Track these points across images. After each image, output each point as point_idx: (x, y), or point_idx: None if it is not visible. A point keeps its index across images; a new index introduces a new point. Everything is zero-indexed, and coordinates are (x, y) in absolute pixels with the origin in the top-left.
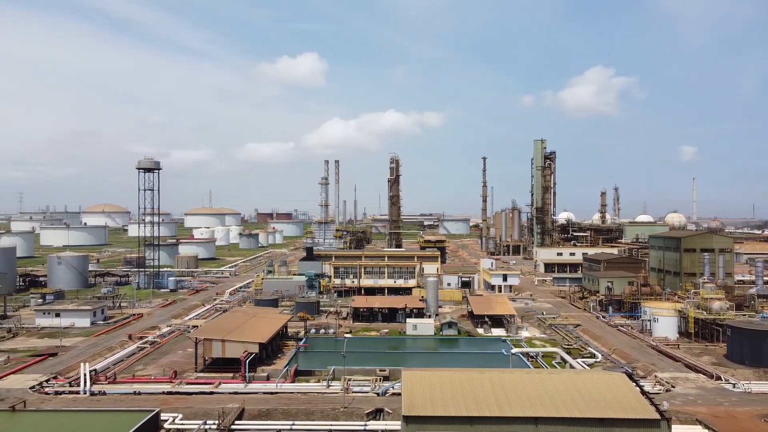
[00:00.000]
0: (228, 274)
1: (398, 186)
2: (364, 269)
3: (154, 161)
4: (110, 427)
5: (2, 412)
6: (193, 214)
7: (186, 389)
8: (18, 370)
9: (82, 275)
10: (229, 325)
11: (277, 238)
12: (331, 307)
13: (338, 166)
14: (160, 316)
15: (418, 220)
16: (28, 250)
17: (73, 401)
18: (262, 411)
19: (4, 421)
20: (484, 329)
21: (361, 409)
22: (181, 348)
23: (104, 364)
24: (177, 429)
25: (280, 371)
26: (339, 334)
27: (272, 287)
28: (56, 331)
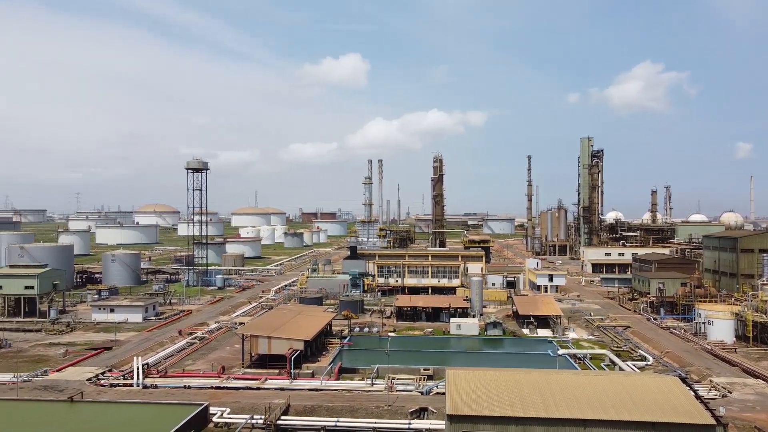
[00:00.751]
0: (273, 272)
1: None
2: (408, 268)
3: (202, 162)
4: (162, 418)
5: (62, 402)
6: (239, 214)
7: (233, 384)
8: (76, 363)
9: (135, 272)
10: (274, 323)
11: (321, 237)
12: (375, 306)
13: (381, 166)
14: (209, 312)
15: (461, 220)
16: (85, 248)
17: (127, 393)
18: (307, 407)
19: (63, 411)
20: (530, 330)
21: (405, 407)
22: (229, 344)
23: (156, 358)
24: (225, 422)
25: (325, 368)
26: (383, 332)
27: (317, 286)
28: (111, 325)
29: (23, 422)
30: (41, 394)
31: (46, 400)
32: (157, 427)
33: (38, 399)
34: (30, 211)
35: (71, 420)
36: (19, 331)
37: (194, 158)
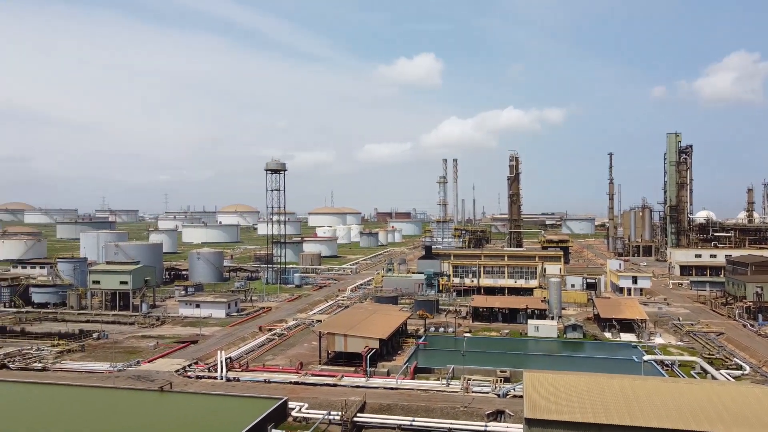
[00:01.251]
0: (349, 271)
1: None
2: (484, 268)
3: (280, 163)
4: (244, 411)
5: (153, 391)
6: (316, 214)
7: (311, 380)
8: (165, 355)
9: (218, 270)
10: (350, 321)
11: (396, 236)
12: (450, 306)
13: (456, 165)
14: (287, 310)
15: (539, 220)
16: (173, 247)
17: (212, 385)
18: (383, 405)
19: (154, 400)
20: (612, 334)
21: (481, 409)
22: (306, 341)
23: (238, 353)
24: (303, 417)
25: (400, 367)
26: (458, 333)
27: (392, 285)
28: (196, 320)
29: (118, 409)
30: (134, 383)
31: (139, 389)
32: (239, 419)
33: (132, 388)
34: (124, 212)
35: (161, 409)
36: (115, 324)
37: (273, 160)
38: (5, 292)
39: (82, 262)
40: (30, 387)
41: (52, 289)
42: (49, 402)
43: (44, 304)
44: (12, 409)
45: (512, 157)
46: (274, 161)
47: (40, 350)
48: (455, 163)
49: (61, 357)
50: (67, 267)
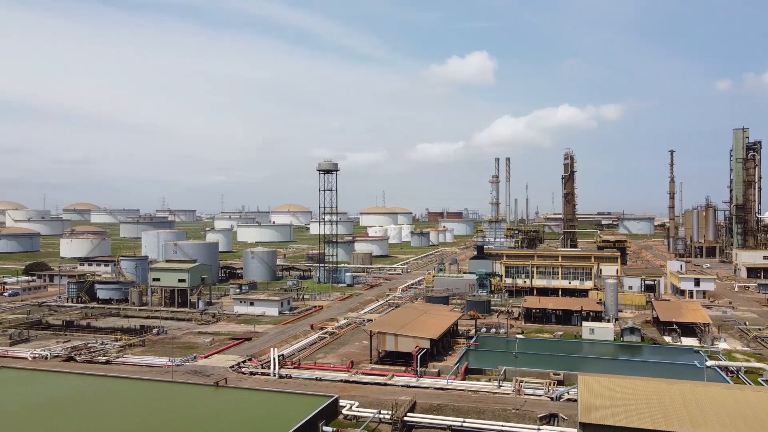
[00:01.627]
0: (400, 271)
1: (573, 183)
2: (537, 269)
3: (333, 163)
4: (296, 407)
5: (208, 386)
6: (367, 213)
7: (362, 379)
8: (220, 351)
9: (271, 269)
10: (401, 320)
11: (447, 236)
12: (502, 307)
13: (509, 164)
14: (338, 308)
15: (594, 219)
16: (228, 246)
17: (265, 382)
18: (433, 405)
19: (209, 395)
20: (673, 338)
21: (534, 412)
22: (357, 340)
23: (290, 350)
24: (354, 415)
25: (451, 368)
26: (510, 334)
27: (443, 285)
28: (250, 318)
29: (176, 403)
30: (191, 377)
31: (196, 383)
32: (291, 415)
33: (189, 382)
34: (182, 211)
35: (216, 403)
36: (173, 320)
37: (325, 160)
38: (73, 288)
39: (143, 260)
40: (95, 379)
41: (116, 286)
42: (112, 393)
43: (108, 300)
44: (78, 400)
45: (567, 155)
46: (327, 162)
47: (104, 344)
48: (508, 162)
49: (123, 351)
50: (130, 265)
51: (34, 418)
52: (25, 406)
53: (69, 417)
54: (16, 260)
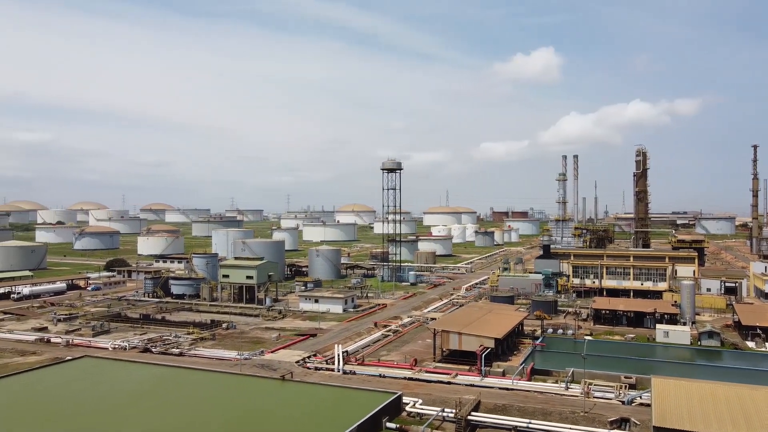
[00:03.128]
0: (464, 270)
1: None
2: (606, 269)
3: (396, 162)
4: (360, 403)
5: (275, 380)
6: (431, 213)
7: (425, 377)
8: (286, 346)
9: (336, 267)
10: (465, 319)
11: (512, 236)
12: (570, 308)
13: (577, 162)
14: (402, 307)
15: (669, 219)
16: (294, 244)
17: (329, 377)
18: (497, 405)
19: (276, 388)
20: (756, 343)
21: (604, 416)
22: (420, 338)
23: (354, 347)
24: (417, 413)
25: (516, 368)
26: (578, 335)
27: (508, 284)
28: (315, 314)
29: (244, 394)
30: (259, 371)
31: (263, 376)
32: (355, 410)
33: (256, 375)
34: (250, 211)
35: (282, 396)
36: (242, 316)
37: (389, 159)
38: (149, 283)
39: (214, 257)
40: (169, 370)
41: (188, 282)
42: (185, 384)
43: (181, 295)
44: (154, 388)
45: (639, 152)
46: (391, 161)
47: (177, 337)
48: (575, 159)
49: (195, 344)
50: (201, 262)
51: (114, 403)
52: (106, 392)
53: (145, 403)
54: (98, 257)
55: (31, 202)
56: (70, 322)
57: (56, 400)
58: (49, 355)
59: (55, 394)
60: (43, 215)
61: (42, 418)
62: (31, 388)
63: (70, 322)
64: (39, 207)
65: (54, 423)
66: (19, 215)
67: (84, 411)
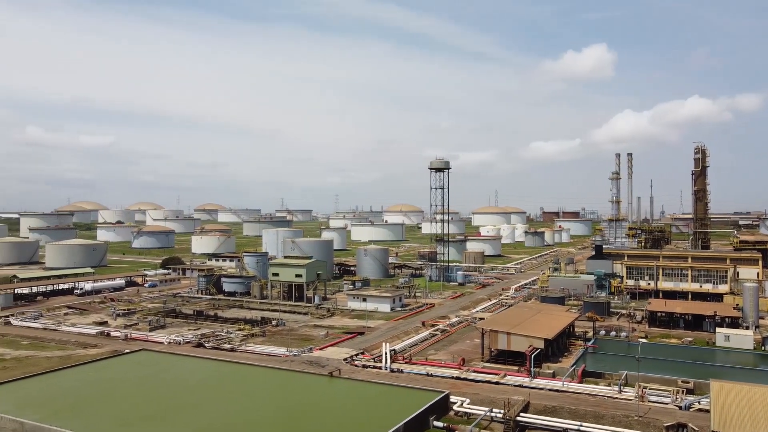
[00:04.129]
0: (513, 270)
1: (704, 179)
2: (663, 270)
3: (444, 161)
4: (407, 401)
5: (323, 376)
6: (479, 213)
7: (473, 377)
8: (335, 344)
9: (384, 266)
10: (514, 319)
11: (563, 236)
12: (623, 309)
13: (631, 160)
14: (450, 306)
15: (730, 220)
16: (342, 244)
17: (377, 375)
18: (547, 407)
19: (324, 384)
20: None
21: (659, 420)
22: (468, 338)
23: (402, 345)
24: (464, 412)
25: (567, 370)
26: (632, 338)
27: (558, 285)
28: (363, 313)
29: (293, 390)
30: (307, 367)
31: (311, 373)
32: (402, 408)
33: (305, 371)
34: (299, 211)
35: (330, 392)
36: (291, 313)
37: (437, 158)
38: (202, 281)
39: (264, 256)
40: (221, 364)
41: (239, 280)
42: (237, 378)
43: (233, 292)
44: (207, 381)
45: (698, 150)
46: (439, 160)
47: (229, 333)
48: (630, 157)
49: (246, 340)
50: (252, 260)
51: (170, 394)
52: (162, 383)
53: (200, 395)
54: (154, 255)
55: (93, 203)
56: (128, 317)
57: (117, 390)
58: (109, 347)
59: (116, 384)
60: (104, 215)
61: (104, 405)
62: (93, 378)
63: (129, 317)
64: (100, 207)
65: (115, 410)
66: (82, 215)
67: (142, 401)
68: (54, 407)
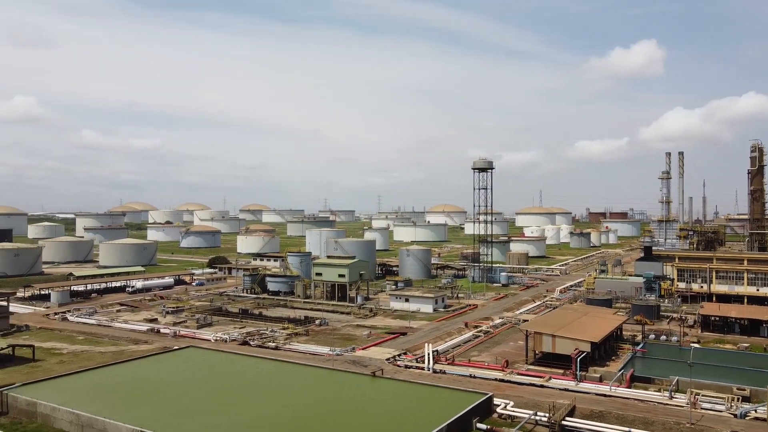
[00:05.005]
0: (558, 272)
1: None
2: (716, 273)
3: (487, 161)
4: (450, 402)
5: (366, 376)
6: (523, 214)
7: (517, 379)
8: (377, 344)
9: (426, 267)
10: (559, 322)
11: (610, 237)
12: (674, 313)
13: (682, 159)
14: (493, 308)
15: None
16: (384, 244)
17: (419, 375)
18: (594, 412)
19: (366, 383)
20: None
21: (713, 429)
22: (512, 340)
23: (444, 346)
24: (508, 415)
25: (615, 374)
26: (684, 342)
27: (605, 287)
28: (405, 313)
29: (336, 389)
30: (350, 367)
31: (354, 372)
32: (445, 409)
33: (348, 371)
34: (342, 212)
35: (372, 392)
36: (334, 313)
37: (480, 158)
38: (247, 280)
39: (307, 256)
40: (266, 362)
41: (283, 279)
42: (281, 376)
43: (277, 291)
44: (253, 378)
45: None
46: (482, 160)
47: (273, 332)
48: (681, 156)
49: (289, 339)
50: (295, 260)
51: (218, 390)
52: (210, 379)
53: (246, 391)
54: (201, 254)
55: (143, 203)
56: (177, 314)
57: (167, 385)
58: (158, 344)
59: (166, 379)
60: (154, 215)
61: (156, 399)
62: (145, 373)
63: (177, 314)
64: (150, 208)
65: (166, 404)
66: (133, 215)
67: (191, 395)
68: (108, 400)
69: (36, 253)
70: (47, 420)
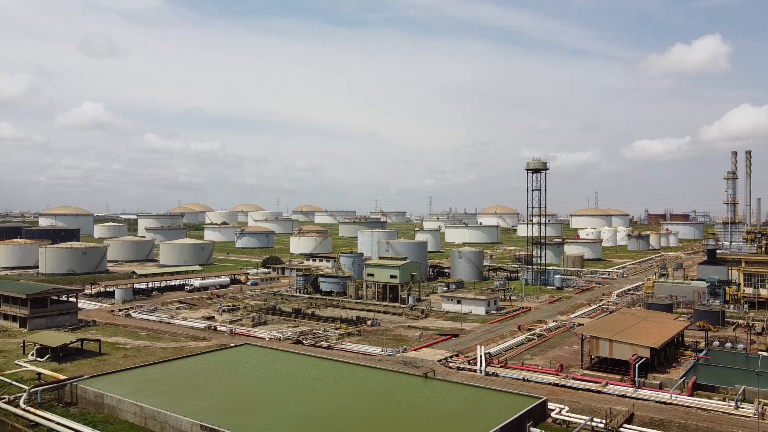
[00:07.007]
0: (615, 275)
1: None
2: None
3: (542, 162)
4: (503, 405)
5: (418, 377)
6: (578, 215)
7: (572, 384)
8: (429, 345)
9: (478, 269)
10: (616, 326)
11: (670, 240)
12: (740, 319)
13: (749, 158)
14: (547, 311)
15: None
16: (436, 246)
17: (471, 377)
18: (654, 420)
19: (419, 384)
20: None
21: None
22: (567, 343)
23: (497, 349)
24: (563, 420)
25: (676, 381)
26: (751, 350)
27: (665, 291)
28: (457, 315)
29: (388, 389)
30: (402, 367)
31: (406, 373)
32: (498, 412)
33: (400, 371)
34: (394, 213)
35: (425, 393)
36: (385, 313)
37: (534, 159)
38: (300, 280)
39: (359, 257)
40: (319, 360)
41: (336, 280)
42: (334, 374)
43: (329, 292)
44: (306, 376)
45: None
46: (536, 160)
47: (326, 331)
48: (748, 155)
49: (342, 338)
50: (347, 261)
51: (273, 387)
52: (265, 376)
53: (299, 389)
54: (256, 254)
55: (201, 204)
56: (233, 312)
57: (225, 380)
58: (216, 341)
59: (224, 374)
60: (210, 216)
61: (214, 394)
62: (204, 368)
63: (233, 312)
64: (207, 209)
65: (224, 399)
66: (191, 216)
67: (248, 391)
68: (170, 394)
69: (102, 252)
70: (113, 411)
